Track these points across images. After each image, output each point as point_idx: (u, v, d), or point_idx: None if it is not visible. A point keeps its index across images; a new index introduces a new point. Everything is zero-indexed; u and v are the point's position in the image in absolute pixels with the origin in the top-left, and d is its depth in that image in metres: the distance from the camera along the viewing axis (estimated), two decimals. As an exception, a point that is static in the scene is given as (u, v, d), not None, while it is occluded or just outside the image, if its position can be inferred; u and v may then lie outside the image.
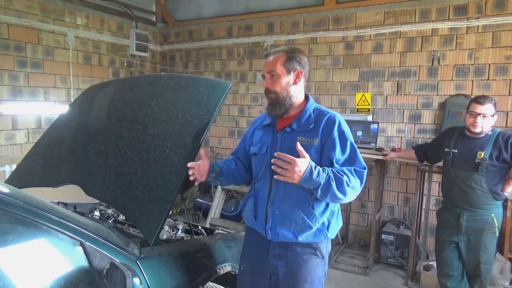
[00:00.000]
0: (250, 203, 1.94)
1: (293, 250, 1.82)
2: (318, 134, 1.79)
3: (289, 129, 1.84)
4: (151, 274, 1.68)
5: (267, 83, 1.85)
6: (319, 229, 1.79)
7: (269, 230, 1.82)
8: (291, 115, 1.88)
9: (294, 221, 1.78)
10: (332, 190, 1.65)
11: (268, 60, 1.86)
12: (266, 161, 1.85)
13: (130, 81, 2.97)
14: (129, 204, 2.03)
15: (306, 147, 1.73)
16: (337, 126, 1.79)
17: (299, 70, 1.84)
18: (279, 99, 1.83)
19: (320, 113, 1.85)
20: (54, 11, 4.54)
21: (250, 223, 1.95)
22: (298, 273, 1.81)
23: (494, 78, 3.93)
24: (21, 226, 1.32)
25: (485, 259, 2.73)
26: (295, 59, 1.83)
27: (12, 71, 4.19)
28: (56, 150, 2.64)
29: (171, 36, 6.08)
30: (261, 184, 1.89)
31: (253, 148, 1.97)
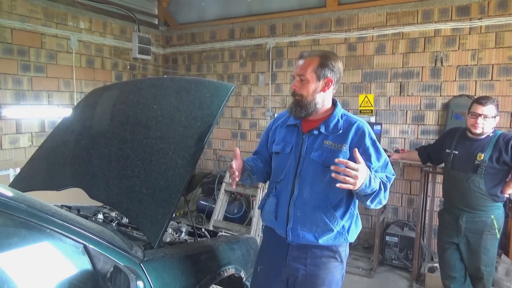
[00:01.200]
0: (271, 203, 1.92)
1: (312, 252, 1.81)
2: (347, 141, 1.78)
3: (316, 132, 1.83)
4: (154, 277, 1.68)
5: (295, 85, 1.84)
6: (339, 232, 1.79)
7: (290, 231, 1.81)
8: (317, 118, 1.87)
9: (316, 223, 1.78)
10: (380, 196, 1.68)
11: (300, 62, 1.84)
12: (290, 162, 1.86)
13: (133, 84, 2.98)
14: (133, 207, 2.03)
15: (334, 152, 1.76)
16: (368, 135, 1.79)
17: (330, 78, 1.81)
18: (303, 103, 1.82)
19: (348, 119, 1.85)
20: (57, 15, 4.56)
21: (270, 223, 1.94)
22: (317, 276, 1.80)
23: (498, 78, 3.91)
24: (25, 229, 1.33)
25: (486, 261, 2.71)
26: (328, 66, 1.80)
27: (15, 75, 4.21)
28: (60, 154, 2.65)
29: (173, 39, 6.10)
30: (283, 185, 1.87)
31: (275, 146, 1.95)
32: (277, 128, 2.01)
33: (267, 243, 2.00)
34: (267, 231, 2.00)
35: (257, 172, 1.98)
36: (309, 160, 1.81)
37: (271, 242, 1.95)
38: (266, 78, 5.27)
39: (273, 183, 1.95)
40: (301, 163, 1.83)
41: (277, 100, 5.20)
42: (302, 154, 1.83)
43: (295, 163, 1.84)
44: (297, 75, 1.83)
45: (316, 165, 1.79)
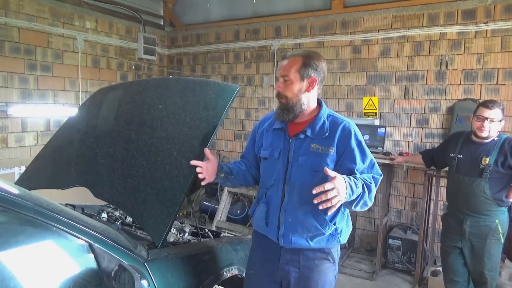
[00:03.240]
0: (261, 209, 1.89)
1: (305, 255, 1.80)
2: (334, 144, 1.76)
3: (303, 136, 1.80)
4: (158, 276, 1.68)
5: (279, 86, 1.82)
6: (331, 234, 1.78)
7: (282, 237, 1.79)
8: (303, 120, 1.85)
9: (307, 228, 1.76)
10: (364, 198, 1.66)
11: (284, 63, 1.82)
12: (279, 167, 1.83)
13: (138, 84, 2.99)
14: (137, 207, 2.04)
15: (321, 156, 1.74)
16: (353, 136, 1.77)
17: (313, 78, 1.79)
18: (289, 105, 1.79)
19: (334, 120, 1.83)
20: (64, 15, 4.60)
21: (261, 230, 1.91)
22: (310, 278, 1.79)
23: (503, 82, 3.90)
24: (31, 227, 1.34)
25: (489, 266, 2.70)
26: (311, 65, 1.78)
27: (22, 74, 4.25)
28: (65, 153, 2.67)
29: (178, 40, 6.12)
30: (273, 191, 1.85)
31: (263, 152, 1.92)
32: (263, 132, 1.97)
33: (257, 247, 1.97)
34: (257, 236, 1.96)
35: (237, 174, 1.96)
36: (297, 165, 1.78)
37: (262, 246, 1.92)
38: (271, 80, 5.28)
39: (263, 189, 1.92)
40: (289, 168, 1.80)
41: (281, 101, 5.19)
42: (290, 159, 1.81)
43: (283, 168, 1.81)
44: (281, 75, 1.81)
45: (304, 170, 1.76)
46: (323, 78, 1.85)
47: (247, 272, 2.00)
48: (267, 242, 1.86)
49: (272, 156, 1.87)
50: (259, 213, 1.90)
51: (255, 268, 1.94)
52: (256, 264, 1.94)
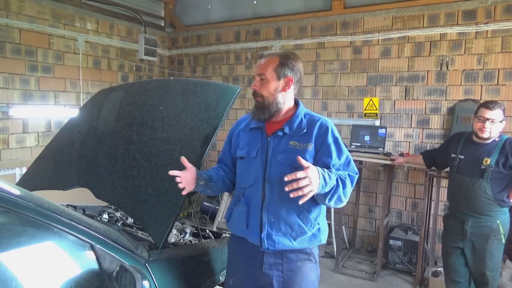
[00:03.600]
0: (241, 211, 1.83)
1: (288, 258, 1.77)
2: (312, 140, 1.76)
3: (281, 133, 1.80)
4: (159, 277, 1.69)
5: (255, 85, 1.81)
6: (314, 234, 1.78)
7: (265, 238, 1.74)
8: (280, 119, 1.84)
9: (290, 227, 1.74)
10: (339, 192, 1.65)
11: (260, 62, 1.82)
12: (257, 166, 1.80)
13: (139, 85, 2.99)
14: (138, 207, 2.05)
15: (300, 152, 1.73)
16: (330, 132, 1.78)
17: (290, 77, 1.79)
18: (265, 104, 1.79)
19: (311, 118, 1.83)
20: (65, 16, 4.61)
21: (240, 233, 1.84)
22: (294, 281, 1.77)
23: (504, 83, 3.90)
24: (33, 228, 1.34)
25: (491, 266, 2.70)
26: (288, 65, 1.78)
27: (23, 75, 4.26)
28: (66, 154, 2.67)
29: (179, 41, 6.13)
30: (253, 191, 1.80)
31: (240, 151, 1.89)
32: (240, 132, 1.95)
33: (236, 253, 1.90)
34: (235, 242, 1.90)
35: (217, 180, 1.90)
36: (276, 162, 1.76)
37: (241, 252, 1.86)
38: (271, 81, 5.28)
39: (240, 189, 1.87)
40: (268, 166, 1.78)
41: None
42: (268, 157, 1.78)
43: (262, 167, 1.79)
44: (257, 74, 1.80)
45: (284, 167, 1.73)
46: (299, 78, 1.85)
47: (227, 280, 1.92)
48: (248, 247, 1.81)
49: (249, 155, 1.84)
50: (238, 215, 1.84)
51: (236, 275, 1.87)
52: (237, 271, 1.87)
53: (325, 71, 4.87)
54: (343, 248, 4.59)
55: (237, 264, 1.88)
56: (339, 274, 4.00)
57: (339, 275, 3.97)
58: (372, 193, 4.68)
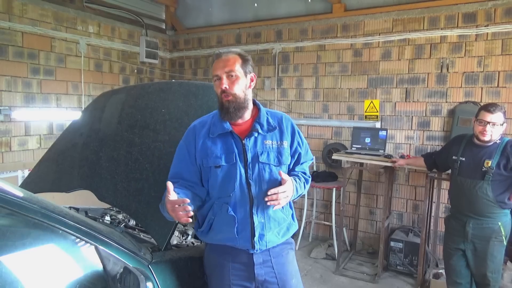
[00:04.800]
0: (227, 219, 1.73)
1: (274, 252, 1.81)
2: (286, 137, 1.83)
3: (256, 134, 1.77)
4: (162, 279, 1.69)
5: (225, 83, 1.72)
6: (289, 223, 1.86)
7: (258, 240, 1.73)
8: (244, 121, 1.81)
9: (278, 222, 1.80)
10: (303, 191, 1.88)
11: (224, 59, 1.75)
12: (239, 171, 1.73)
13: (141, 88, 3.01)
14: (141, 210, 2.06)
15: (278, 150, 1.80)
16: (295, 127, 1.89)
17: (254, 74, 1.83)
18: (238, 102, 1.74)
19: (274, 115, 1.88)
20: (67, 19, 4.63)
21: (227, 241, 1.76)
22: (285, 272, 1.82)
23: (504, 85, 3.92)
24: (38, 230, 1.35)
25: (492, 268, 2.71)
26: (249, 62, 1.80)
27: (25, 78, 4.28)
28: (69, 156, 2.69)
29: (180, 44, 6.16)
30: (238, 197, 1.73)
31: (215, 160, 1.75)
32: (205, 141, 1.79)
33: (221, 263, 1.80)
34: (217, 252, 1.81)
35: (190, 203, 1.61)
36: (258, 164, 1.75)
37: (227, 260, 1.78)
38: (272, 83, 5.31)
39: (222, 198, 1.75)
40: (250, 169, 1.74)
41: (283, 104, 5.22)
42: (248, 160, 1.74)
43: (243, 171, 1.74)
44: (225, 72, 1.72)
45: (267, 166, 1.75)
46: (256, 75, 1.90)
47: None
48: (234, 253, 1.77)
49: (228, 161, 1.74)
50: (223, 225, 1.75)
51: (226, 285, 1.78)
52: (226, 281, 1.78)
53: (325, 73, 4.89)
54: (344, 250, 4.59)
55: (224, 275, 1.79)
56: (340, 275, 4.00)
57: (340, 277, 3.97)
58: (373, 195, 4.69)
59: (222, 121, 1.78)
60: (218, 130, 1.78)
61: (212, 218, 1.78)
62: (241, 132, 1.79)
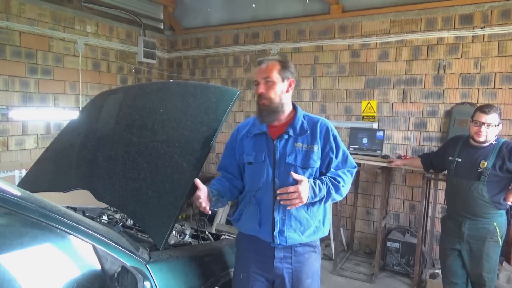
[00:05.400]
0: (252, 212, 1.92)
1: (296, 251, 1.91)
2: (317, 141, 1.90)
3: (286, 136, 1.90)
4: (160, 278, 1.70)
5: (262, 89, 1.89)
6: (317, 226, 1.92)
7: (278, 235, 1.85)
8: (281, 123, 1.95)
9: (299, 222, 1.87)
10: (332, 196, 1.88)
11: (262, 67, 1.92)
12: (267, 169, 1.89)
13: (139, 88, 3.02)
14: (138, 209, 2.07)
15: (307, 153, 1.88)
16: (331, 132, 1.93)
17: (292, 80, 1.94)
18: (272, 106, 1.89)
19: (310, 119, 1.97)
20: (65, 19, 4.63)
21: (251, 231, 1.94)
22: (302, 271, 1.91)
23: (500, 86, 3.94)
24: (36, 229, 1.36)
25: (488, 268, 2.72)
26: (288, 68, 1.93)
27: (23, 77, 4.27)
28: (66, 156, 2.69)
29: (178, 44, 6.16)
30: (263, 193, 1.90)
31: (247, 157, 1.96)
32: (243, 139, 2.02)
33: (246, 251, 1.99)
34: (244, 240, 2.00)
35: (226, 193, 1.97)
36: (285, 164, 1.87)
37: (251, 249, 1.96)
38: (270, 83, 5.30)
39: (251, 192, 1.95)
40: (277, 168, 1.88)
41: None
42: (276, 160, 1.89)
43: (271, 169, 1.89)
44: (262, 78, 1.89)
45: (293, 168, 1.86)
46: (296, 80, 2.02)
47: (237, 275, 2.01)
48: (258, 244, 1.92)
49: (257, 160, 1.92)
50: (250, 215, 1.93)
51: (246, 271, 1.96)
52: (248, 267, 1.96)
53: (323, 74, 4.90)
54: (341, 250, 4.61)
55: (247, 261, 1.97)
56: (337, 276, 4.01)
57: (337, 277, 3.99)
58: (370, 195, 4.70)
59: (260, 123, 1.95)
60: (255, 130, 1.98)
61: (243, 209, 1.98)
62: (275, 133, 1.93)
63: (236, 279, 2.01)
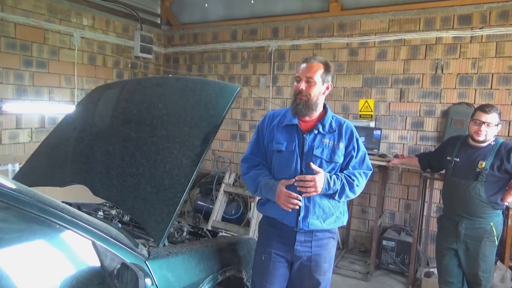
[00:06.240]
0: None
1: (316, 236, 2.07)
2: (343, 139, 2.07)
3: (316, 131, 2.06)
4: (159, 275, 1.68)
5: (303, 85, 2.03)
6: (338, 216, 2.09)
7: (302, 220, 2.01)
8: (313, 119, 2.11)
9: (323, 210, 2.03)
10: (346, 192, 2.02)
11: (308, 65, 2.06)
12: (296, 159, 2.04)
13: (137, 82, 2.98)
14: (137, 205, 2.04)
15: (333, 149, 2.06)
16: (355, 133, 2.11)
17: (330, 84, 2.10)
18: (309, 102, 2.04)
19: (337, 120, 2.13)
20: (61, 11, 4.56)
21: (277, 216, 2.08)
22: (320, 255, 2.07)
23: (497, 87, 3.96)
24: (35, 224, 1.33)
25: (484, 268, 2.74)
26: (330, 72, 2.08)
27: (17, 70, 4.20)
28: (63, 150, 2.65)
29: (175, 39, 6.11)
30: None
31: (277, 145, 2.10)
32: (274, 128, 2.15)
33: (270, 233, 2.14)
34: (268, 223, 2.16)
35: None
36: (312, 156, 2.03)
37: (274, 232, 2.12)
38: (267, 81, 5.30)
39: (279, 179, 2.06)
40: (304, 159, 2.04)
41: (278, 102, 5.22)
42: (304, 151, 2.04)
43: (299, 159, 2.04)
44: (306, 76, 2.04)
45: (319, 160, 2.03)
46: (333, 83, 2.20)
47: (259, 256, 2.15)
48: (282, 227, 2.08)
49: (288, 148, 2.07)
50: None
51: (268, 252, 2.11)
52: (270, 248, 2.11)
53: (321, 72, 4.88)
54: (337, 248, 4.61)
55: (270, 242, 2.12)
56: (333, 274, 4.00)
57: (333, 275, 3.97)
58: (365, 194, 4.71)
59: (292, 115, 2.09)
60: (287, 121, 2.11)
61: None
62: (306, 128, 2.09)
63: (257, 260, 2.17)
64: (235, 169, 5.51)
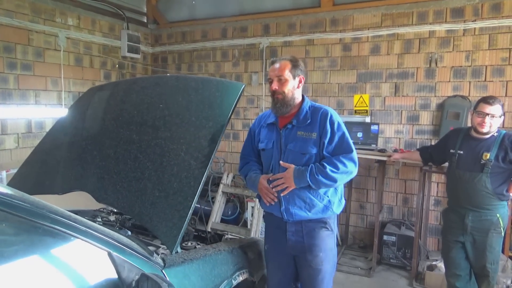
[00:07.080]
0: None
1: (306, 226, 2.15)
2: (316, 128, 2.12)
3: (290, 126, 2.17)
4: (176, 284, 1.60)
5: (276, 85, 2.16)
6: (325, 205, 2.14)
7: (284, 211, 2.13)
8: (290, 113, 2.20)
9: (303, 200, 2.11)
10: (321, 180, 2.03)
11: (276, 66, 2.18)
12: (275, 155, 2.19)
13: (133, 82, 2.87)
14: (145, 211, 1.95)
15: (305, 140, 2.12)
16: (329, 118, 2.11)
17: (301, 76, 2.20)
18: (285, 99, 2.15)
19: (315, 109, 2.19)
20: (45, 11, 4.37)
21: (268, 209, 2.26)
22: (314, 244, 2.14)
23: (491, 79, 3.99)
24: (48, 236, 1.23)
25: (491, 259, 2.74)
26: (299, 67, 2.19)
27: (1, 73, 4.00)
28: (58, 156, 2.53)
29: (163, 38, 5.97)
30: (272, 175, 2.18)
31: (261, 144, 2.28)
32: (260, 128, 2.32)
33: (269, 225, 2.34)
34: (267, 216, 2.34)
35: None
36: (288, 150, 2.14)
37: (272, 224, 2.28)
38: (259, 78, 5.22)
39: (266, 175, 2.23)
40: (282, 154, 2.16)
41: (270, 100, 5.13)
42: (282, 147, 2.17)
43: (278, 155, 2.17)
44: (276, 76, 2.16)
45: (294, 153, 2.13)
46: (305, 76, 2.27)
47: (264, 246, 2.34)
48: (275, 219, 2.22)
49: (268, 146, 2.23)
50: None
51: (269, 242, 2.30)
52: (270, 239, 2.30)
53: (314, 68, 4.85)
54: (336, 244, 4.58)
55: (270, 234, 2.32)
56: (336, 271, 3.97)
57: (336, 272, 3.95)
58: (363, 189, 4.70)
59: (275, 114, 2.22)
60: (268, 121, 2.27)
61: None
62: (283, 123, 2.20)
63: (265, 250, 2.35)
64: (230, 169, 5.42)
